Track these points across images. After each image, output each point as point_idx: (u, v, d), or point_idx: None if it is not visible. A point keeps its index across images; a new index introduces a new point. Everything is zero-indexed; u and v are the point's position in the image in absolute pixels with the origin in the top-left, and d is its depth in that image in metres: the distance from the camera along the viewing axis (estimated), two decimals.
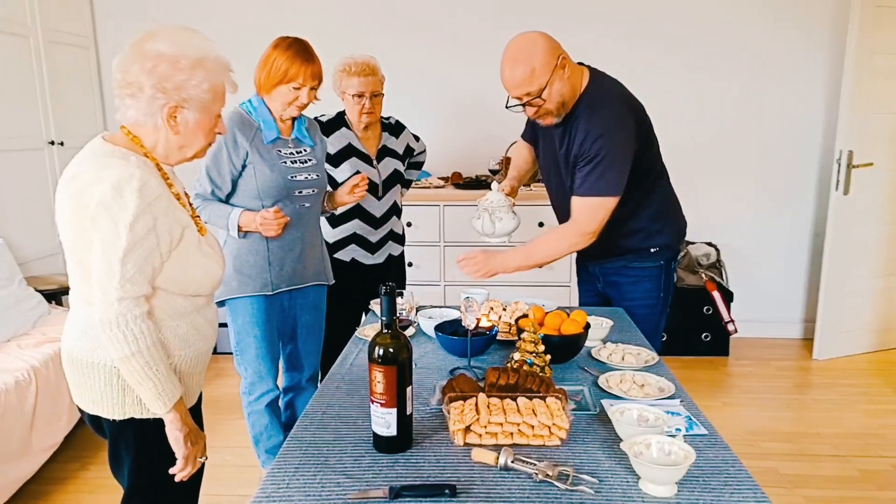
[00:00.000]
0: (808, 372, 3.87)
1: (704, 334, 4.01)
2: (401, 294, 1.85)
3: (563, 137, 2.10)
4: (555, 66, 1.96)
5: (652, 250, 2.19)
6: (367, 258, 2.74)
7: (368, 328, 2.08)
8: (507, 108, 2.09)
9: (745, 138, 4.14)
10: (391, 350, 1.31)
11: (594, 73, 2.10)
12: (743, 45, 4.04)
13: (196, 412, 1.65)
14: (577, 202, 2.05)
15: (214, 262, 1.54)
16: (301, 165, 2.28)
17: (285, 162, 2.24)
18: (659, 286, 2.25)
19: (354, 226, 2.69)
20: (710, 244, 4.16)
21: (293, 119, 2.29)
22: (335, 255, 2.71)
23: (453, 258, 3.87)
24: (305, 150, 2.31)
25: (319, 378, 2.60)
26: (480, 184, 3.96)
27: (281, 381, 2.53)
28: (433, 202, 3.76)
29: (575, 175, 2.06)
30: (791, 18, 3.99)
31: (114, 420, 1.47)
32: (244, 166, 2.19)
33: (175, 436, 1.44)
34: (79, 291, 1.45)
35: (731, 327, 3.95)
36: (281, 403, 2.55)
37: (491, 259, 2.14)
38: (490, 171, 4.06)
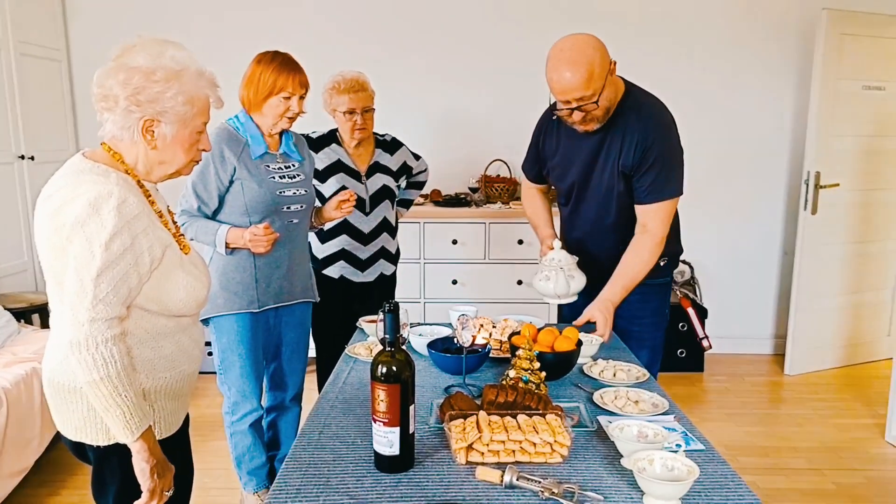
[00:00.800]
0: (780, 387, 3.95)
1: (680, 350, 4.07)
2: None
3: (602, 143, 2.07)
4: (608, 71, 1.92)
5: (661, 263, 2.18)
6: (356, 275, 2.70)
7: (358, 346, 2.06)
8: (553, 111, 2.05)
9: (716, 160, 4.24)
10: (394, 368, 1.30)
11: (626, 80, 2.10)
12: (713, 70, 4.16)
13: (183, 435, 1.60)
14: (647, 209, 2.04)
15: (198, 281, 1.50)
16: (289, 181, 2.26)
17: (273, 177, 2.22)
18: (665, 302, 2.27)
19: (342, 241, 2.67)
20: (684, 261, 4.23)
21: (280, 134, 2.28)
22: (324, 272, 2.68)
23: (433, 275, 3.90)
24: (294, 166, 2.30)
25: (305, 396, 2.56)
26: (460, 201, 3.98)
27: (263, 401, 2.48)
28: (413, 219, 3.76)
29: (633, 182, 2.04)
30: (760, 45, 4.13)
31: (98, 446, 1.42)
32: (231, 182, 2.17)
33: (141, 467, 1.37)
34: (60, 313, 1.39)
35: (705, 343, 4.02)
36: (263, 423, 2.50)
37: (610, 308, 2.03)
38: (470, 188, 4.09)
